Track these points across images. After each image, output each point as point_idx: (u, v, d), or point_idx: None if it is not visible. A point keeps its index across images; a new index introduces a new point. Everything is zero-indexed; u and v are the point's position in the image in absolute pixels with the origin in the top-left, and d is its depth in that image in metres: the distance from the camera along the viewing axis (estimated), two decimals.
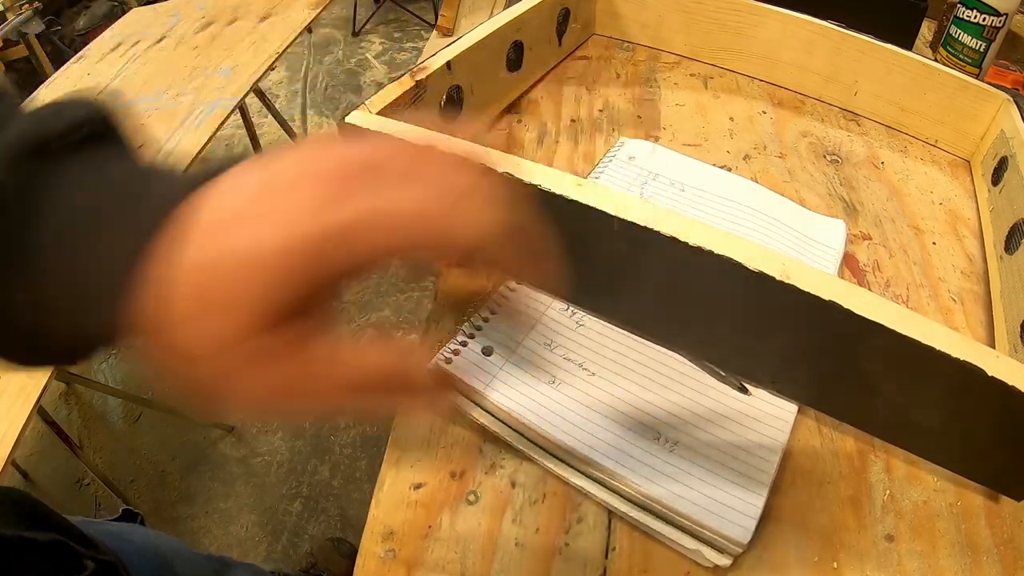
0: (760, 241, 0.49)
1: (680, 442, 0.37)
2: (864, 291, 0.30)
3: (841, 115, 0.66)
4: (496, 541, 0.35)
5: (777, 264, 0.31)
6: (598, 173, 0.54)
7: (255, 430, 1.27)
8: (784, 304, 0.31)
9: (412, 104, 0.50)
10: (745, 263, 0.31)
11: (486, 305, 0.44)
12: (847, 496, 0.37)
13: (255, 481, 1.20)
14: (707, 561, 0.33)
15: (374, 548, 0.35)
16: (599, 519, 0.36)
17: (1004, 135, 0.54)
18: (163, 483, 1.20)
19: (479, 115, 0.60)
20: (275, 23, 1.29)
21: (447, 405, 0.33)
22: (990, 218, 0.53)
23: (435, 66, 0.51)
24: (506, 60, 0.61)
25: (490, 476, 0.38)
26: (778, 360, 0.37)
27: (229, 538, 1.12)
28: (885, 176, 0.59)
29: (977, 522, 0.36)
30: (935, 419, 0.33)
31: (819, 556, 0.34)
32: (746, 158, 0.60)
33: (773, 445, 0.37)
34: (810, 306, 0.30)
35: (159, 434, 1.27)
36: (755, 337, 0.36)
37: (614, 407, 0.38)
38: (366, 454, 1.23)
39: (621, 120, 0.64)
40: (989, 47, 0.67)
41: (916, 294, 0.48)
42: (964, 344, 0.28)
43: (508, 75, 0.62)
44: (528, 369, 0.40)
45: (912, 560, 0.34)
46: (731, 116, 0.65)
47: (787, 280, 0.30)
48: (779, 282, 0.31)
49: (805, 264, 0.31)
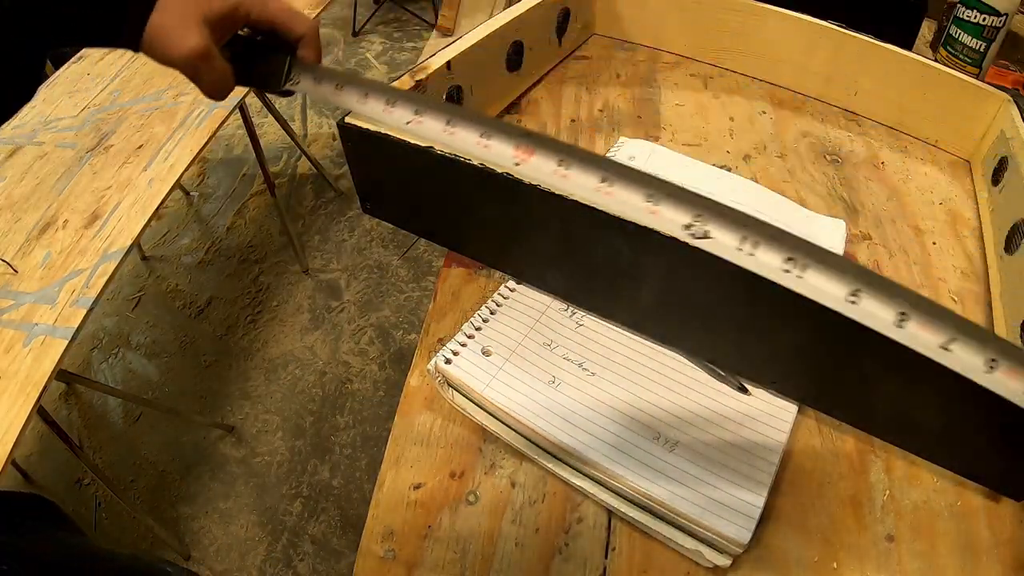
0: None
1: (680, 442, 0.37)
2: None
3: (841, 115, 0.66)
4: (496, 541, 0.35)
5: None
6: None
7: (255, 430, 1.27)
8: (783, 305, 0.31)
9: None
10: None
11: (486, 305, 0.44)
12: (847, 496, 0.37)
13: (255, 481, 1.20)
14: (707, 561, 0.33)
15: (374, 548, 0.35)
16: (599, 519, 0.36)
17: (1004, 135, 0.54)
18: (163, 483, 1.20)
19: None
20: None
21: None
22: (990, 218, 0.53)
23: (435, 66, 0.51)
24: (506, 60, 0.61)
25: (490, 476, 0.38)
26: (778, 359, 0.37)
27: (229, 538, 1.12)
28: (885, 176, 0.59)
29: (977, 522, 0.36)
30: (935, 419, 0.33)
31: (819, 556, 0.34)
32: (746, 158, 0.60)
33: (773, 445, 0.37)
34: (810, 309, 0.30)
35: (159, 434, 1.27)
36: (755, 337, 0.36)
37: (614, 407, 0.38)
38: (366, 454, 1.23)
39: (621, 120, 0.64)
40: (989, 47, 0.67)
41: None
42: None
43: (508, 75, 0.62)
44: (528, 369, 0.40)
45: (912, 560, 0.34)
46: (731, 116, 0.65)
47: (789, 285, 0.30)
48: (779, 284, 0.31)
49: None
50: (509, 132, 0.36)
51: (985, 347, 0.28)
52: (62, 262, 0.78)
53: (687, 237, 0.32)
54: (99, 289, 0.74)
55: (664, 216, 0.33)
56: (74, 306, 0.72)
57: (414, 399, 0.42)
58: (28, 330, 0.70)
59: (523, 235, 0.42)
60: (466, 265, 0.49)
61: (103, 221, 0.83)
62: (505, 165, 0.36)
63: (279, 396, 1.32)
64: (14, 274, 0.77)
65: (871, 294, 0.30)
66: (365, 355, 1.40)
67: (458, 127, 0.37)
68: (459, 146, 0.37)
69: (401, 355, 1.39)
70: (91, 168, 0.92)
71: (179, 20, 0.35)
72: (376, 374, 1.36)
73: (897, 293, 0.29)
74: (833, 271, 0.30)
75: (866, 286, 0.30)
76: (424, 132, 0.38)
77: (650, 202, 0.33)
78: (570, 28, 0.71)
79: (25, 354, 0.68)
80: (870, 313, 0.29)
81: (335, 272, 1.57)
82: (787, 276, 0.30)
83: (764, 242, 0.31)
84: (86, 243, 0.80)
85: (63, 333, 0.70)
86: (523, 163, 0.36)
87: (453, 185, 0.40)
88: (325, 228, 1.67)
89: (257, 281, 1.55)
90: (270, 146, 1.89)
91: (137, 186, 0.88)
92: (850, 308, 0.30)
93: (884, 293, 0.29)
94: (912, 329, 0.29)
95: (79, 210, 0.85)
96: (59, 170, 0.92)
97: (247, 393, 1.33)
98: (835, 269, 0.30)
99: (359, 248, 1.62)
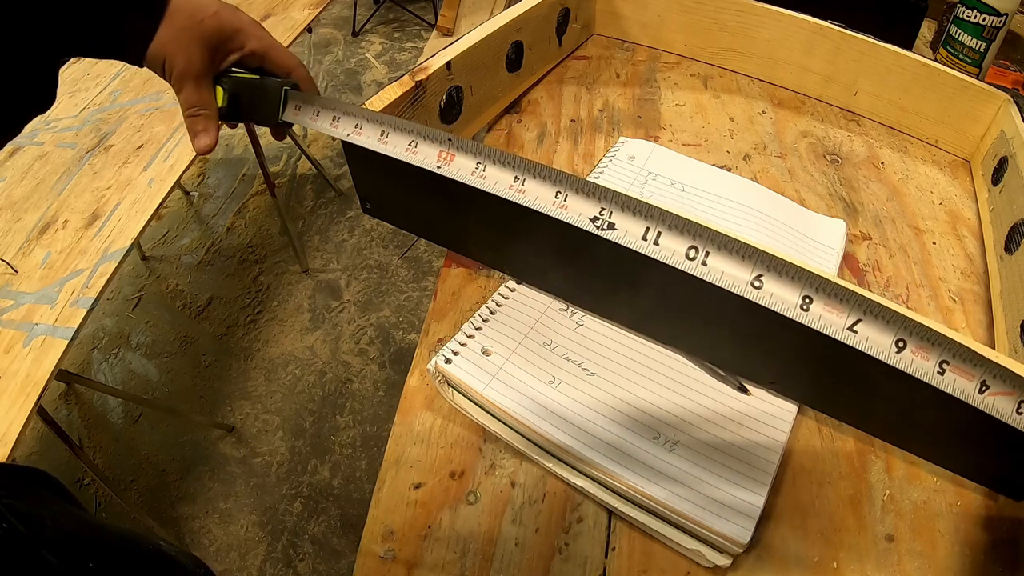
0: (760, 241, 0.49)
1: (680, 442, 0.37)
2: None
3: (841, 115, 0.66)
4: (496, 541, 0.35)
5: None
6: (598, 173, 0.54)
7: (255, 430, 1.27)
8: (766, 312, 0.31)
9: (412, 105, 0.50)
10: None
11: (486, 305, 0.44)
12: (847, 496, 0.37)
13: (255, 481, 1.20)
14: (707, 561, 0.33)
15: (374, 548, 0.35)
16: (599, 519, 0.36)
17: (1004, 135, 0.54)
18: (163, 483, 1.20)
19: (478, 115, 0.60)
20: (275, 23, 1.29)
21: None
22: (990, 218, 0.53)
23: (435, 66, 0.51)
24: (506, 60, 0.61)
25: (490, 476, 0.38)
26: (778, 362, 0.37)
27: (229, 538, 1.12)
28: (885, 176, 0.59)
29: (977, 522, 0.36)
30: (934, 420, 0.33)
31: (819, 556, 0.34)
32: (746, 158, 0.60)
33: (773, 445, 0.37)
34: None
35: (159, 434, 1.27)
36: (755, 341, 0.37)
37: (614, 407, 0.38)
38: (366, 454, 1.23)
39: (621, 120, 0.64)
40: (989, 47, 0.67)
41: (916, 294, 0.48)
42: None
43: (508, 75, 0.62)
44: (528, 369, 0.40)
45: (912, 560, 0.34)
46: (731, 116, 0.65)
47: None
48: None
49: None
50: (434, 137, 0.39)
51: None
52: (62, 262, 0.78)
53: (594, 229, 0.34)
54: (99, 289, 0.74)
55: (572, 209, 0.35)
56: (74, 306, 0.72)
57: (414, 399, 0.42)
58: (28, 330, 0.70)
59: (511, 237, 0.42)
60: (466, 265, 0.50)
61: (103, 221, 0.83)
62: (430, 166, 0.38)
63: (279, 396, 1.32)
64: (14, 274, 0.77)
65: (774, 279, 0.31)
66: (365, 355, 1.40)
67: (391, 135, 0.40)
68: (391, 152, 0.40)
69: (401, 355, 1.39)
70: (91, 168, 0.92)
71: (180, 37, 0.36)
72: (376, 374, 1.36)
73: (800, 276, 0.31)
74: (735, 256, 0.32)
75: (768, 271, 0.31)
76: (362, 142, 0.40)
77: (559, 198, 0.35)
78: (570, 28, 0.71)
79: (25, 354, 0.68)
80: (778, 297, 0.31)
81: (335, 272, 1.57)
82: (691, 263, 0.32)
83: (666, 232, 0.33)
84: (86, 243, 0.80)
85: (63, 333, 0.70)
86: (445, 165, 0.38)
87: (439, 190, 0.41)
88: (325, 228, 1.67)
89: (257, 281, 1.55)
90: (270, 146, 1.89)
91: (137, 186, 0.88)
92: (754, 292, 0.31)
93: (787, 276, 0.31)
94: (816, 311, 0.30)
95: (79, 210, 0.85)
96: (59, 170, 0.92)
97: (247, 393, 1.33)
98: (737, 254, 0.32)
99: (359, 248, 1.62)
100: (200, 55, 0.37)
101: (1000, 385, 0.28)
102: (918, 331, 0.29)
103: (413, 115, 0.50)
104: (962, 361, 0.28)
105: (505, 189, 0.37)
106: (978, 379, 0.28)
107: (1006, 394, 0.28)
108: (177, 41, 0.36)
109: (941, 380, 0.29)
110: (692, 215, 0.33)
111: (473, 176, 0.37)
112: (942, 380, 0.29)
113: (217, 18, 0.37)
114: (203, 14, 0.37)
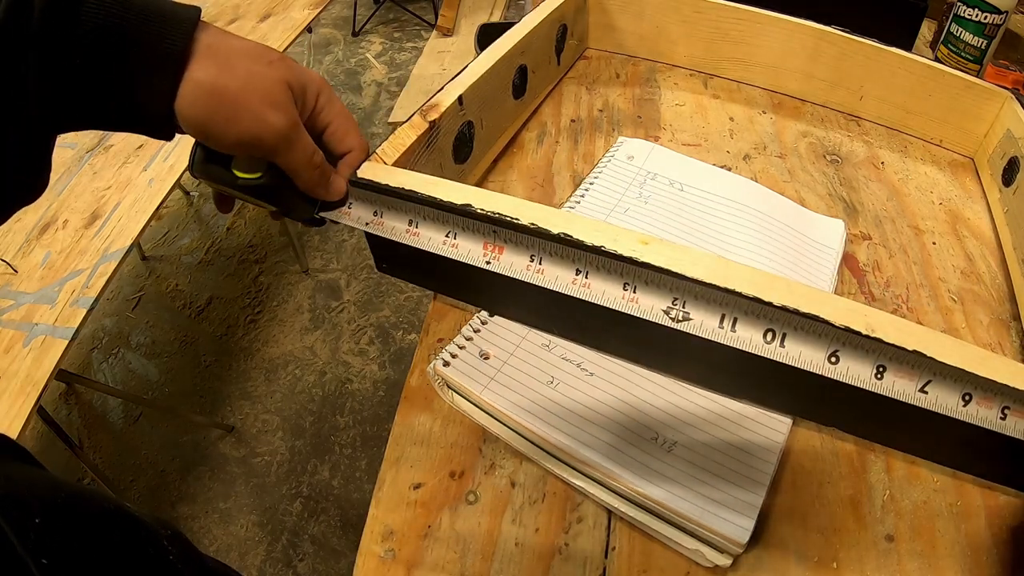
0: (760, 241, 0.49)
1: (678, 442, 0.37)
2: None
3: (841, 115, 0.66)
4: (496, 541, 0.35)
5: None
6: (597, 173, 0.54)
7: (255, 430, 1.27)
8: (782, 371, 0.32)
9: (427, 148, 0.46)
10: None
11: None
12: (847, 496, 0.37)
13: (255, 481, 1.20)
14: (707, 561, 0.33)
15: (374, 548, 0.35)
16: (599, 519, 0.36)
17: (1011, 135, 0.53)
18: (163, 483, 1.20)
19: (488, 149, 0.57)
20: (275, 23, 1.30)
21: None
22: (1005, 220, 0.52)
23: (447, 103, 0.47)
24: (512, 87, 0.58)
25: (490, 476, 0.38)
26: (778, 399, 0.38)
27: (229, 538, 1.12)
28: (885, 176, 0.59)
29: (977, 522, 0.36)
30: (989, 449, 0.33)
31: (819, 556, 0.34)
32: (746, 158, 0.60)
33: (771, 445, 0.37)
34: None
35: (159, 434, 1.27)
36: (756, 387, 0.37)
37: (612, 407, 0.38)
38: (366, 454, 1.23)
39: (621, 120, 0.64)
40: (990, 44, 0.67)
41: (916, 294, 0.48)
42: (966, 351, 0.29)
43: (514, 103, 0.60)
44: (526, 370, 0.40)
45: (912, 560, 0.34)
46: (731, 116, 0.65)
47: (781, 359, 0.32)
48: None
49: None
50: (475, 228, 0.36)
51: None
52: (62, 262, 0.78)
53: (669, 321, 0.33)
54: (99, 289, 0.74)
55: (643, 304, 0.34)
56: (74, 306, 0.72)
57: (414, 399, 0.42)
58: (28, 330, 0.71)
59: (560, 314, 0.40)
60: None
61: (103, 221, 0.83)
62: (477, 262, 0.36)
63: (279, 396, 1.32)
64: (14, 274, 0.77)
65: (849, 353, 0.31)
66: (365, 355, 1.40)
67: (421, 227, 0.37)
68: (427, 246, 0.37)
69: (401, 355, 1.39)
70: (91, 168, 0.92)
71: (258, 87, 0.30)
72: (376, 374, 1.36)
73: (872, 348, 0.30)
74: (811, 336, 0.31)
75: (843, 346, 0.31)
76: (421, 243, 0.38)
77: (627, 290, 0.34)
78: (567, 46, 0.69)
79: (25, 354, 0.68)
80: (853, 371, 0.31)
81: (335, 272, 1.57)
82: (769, 347, 0.32)
83: (742, 318, 0.32)
84: (86, 243, 0.80)
85: (63, 333, 0.70)
86: (495, 260, 0.36)
87: (476, 272, 0.39)
88: (325, 228, 1.67)
89: (257, 281, 1.55)
90: None
91: (137, 186, 0.88)
92: (831, 369, 0.31)
93: (861, 350, 0.31)
94: (890, 378, 0.31)
95: (79, 210, 0.85)
96: (59, 170, 0.92)
97: (247, 393, 1.33)
98: (813, 334, 0.31)
99: (359, 248, 1.62)
100: (292, 106, 0.32)
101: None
102: (983, 384, 0.30)
103: (428, 160, 0.47)
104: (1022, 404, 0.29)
105: (568, 284, 0.35)
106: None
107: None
108: (251, 86, 0.30)
109: (1004, 425, 0.30)
110: (767, 294, 0.32)
111: (529, 272, 0.35)
112: (1004, 425, 0.30)
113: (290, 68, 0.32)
114: (270, 56, 0.32)
